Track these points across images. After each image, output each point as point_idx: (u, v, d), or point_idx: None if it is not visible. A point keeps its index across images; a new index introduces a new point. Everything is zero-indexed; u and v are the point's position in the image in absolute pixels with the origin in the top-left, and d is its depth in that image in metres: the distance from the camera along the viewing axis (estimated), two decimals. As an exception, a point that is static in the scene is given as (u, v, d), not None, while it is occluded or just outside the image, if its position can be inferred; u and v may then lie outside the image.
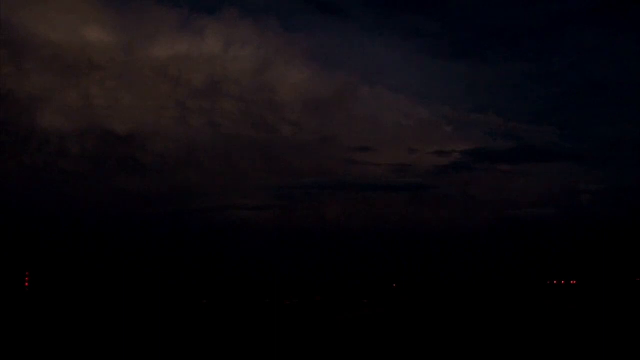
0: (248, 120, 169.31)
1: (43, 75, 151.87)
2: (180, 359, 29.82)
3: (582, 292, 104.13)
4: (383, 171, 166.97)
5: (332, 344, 33.85)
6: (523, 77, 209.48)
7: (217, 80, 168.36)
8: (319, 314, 61.40)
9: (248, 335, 39.82)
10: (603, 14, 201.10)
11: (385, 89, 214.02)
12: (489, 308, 68.54)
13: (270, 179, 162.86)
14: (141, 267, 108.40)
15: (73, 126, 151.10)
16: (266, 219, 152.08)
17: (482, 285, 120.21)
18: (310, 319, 54.35)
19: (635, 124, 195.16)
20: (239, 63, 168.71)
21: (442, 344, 33.34)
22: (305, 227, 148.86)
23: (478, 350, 30.86)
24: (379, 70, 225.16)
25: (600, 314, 54.60)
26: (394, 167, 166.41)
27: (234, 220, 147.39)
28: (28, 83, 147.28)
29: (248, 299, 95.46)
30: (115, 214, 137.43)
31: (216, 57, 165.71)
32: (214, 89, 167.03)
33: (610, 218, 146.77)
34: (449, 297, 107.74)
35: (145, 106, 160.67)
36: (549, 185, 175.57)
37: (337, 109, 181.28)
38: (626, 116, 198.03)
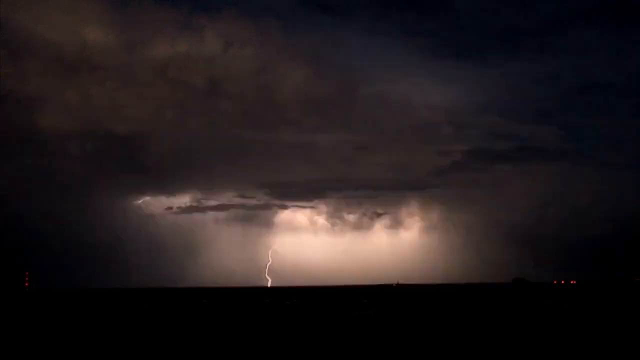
0: (248, 120, 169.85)
1: (43, 75, 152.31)
2: (180, 359, 29.88)
3: (582, 292, 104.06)
4: (383, 171, 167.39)
5: (332, 344, 33.91)
6: (523, 77, 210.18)
7: (217, 80, 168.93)
8: (320, 313, 61.45)
9: (248, 335, 39.88)
10: (603, 14, 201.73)
11: (385, 89, 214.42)
12: (489, 308, 68.62)
13: (270, 179, 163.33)
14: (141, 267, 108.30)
15: (73, 126, 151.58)
16: (266, 219, 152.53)
17: (482, 285, 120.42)
18: (311, 319, 54.40)
19: (635, 124, 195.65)
20: (239, 63, 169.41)
21: (442, 344, 33.40)
22: (305, 227, 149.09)
23: (478, 350, 30.92)
24: (379, 70, 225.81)
25: (600, 314, 54.69)
26: (394, 167, 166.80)
27: (234, 220, 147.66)
28: (28, 83, 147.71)
29: (248, 299, 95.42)
30: (114, 214, 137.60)
31: (216, 57, 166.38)
32: (214, 89, 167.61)
33: (610, 218, 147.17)
34: (448, 297, 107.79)
35: (145, 106, 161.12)
36: (549, 185, 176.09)
37: (337, 109, 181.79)
38: (626, 116, 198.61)
